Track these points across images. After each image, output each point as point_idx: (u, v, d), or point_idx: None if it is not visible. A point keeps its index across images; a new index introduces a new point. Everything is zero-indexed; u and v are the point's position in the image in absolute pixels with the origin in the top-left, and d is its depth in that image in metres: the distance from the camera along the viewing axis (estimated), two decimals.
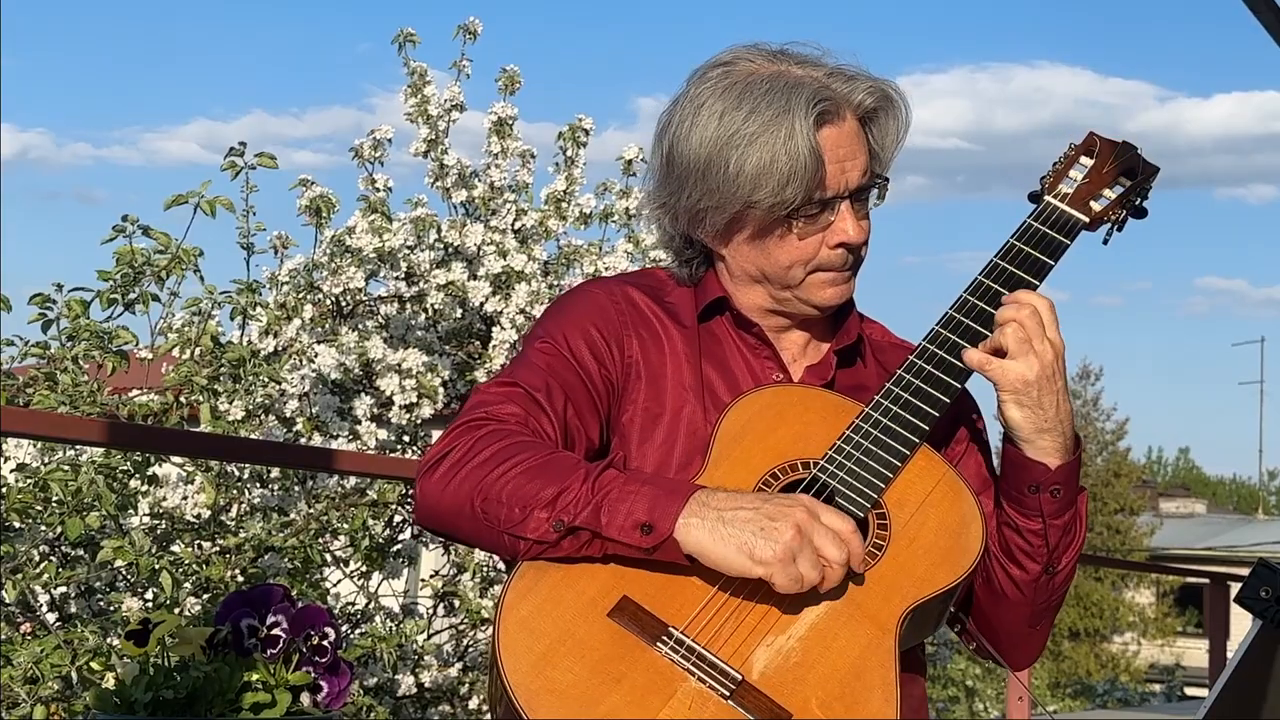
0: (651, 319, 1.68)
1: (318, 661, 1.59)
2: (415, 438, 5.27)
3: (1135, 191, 1.65)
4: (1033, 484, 1.57)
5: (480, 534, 1.48)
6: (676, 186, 1.61)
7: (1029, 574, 1.61)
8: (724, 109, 1.57)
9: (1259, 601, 1.49)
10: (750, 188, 1.55)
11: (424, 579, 5.35)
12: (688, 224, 1.64)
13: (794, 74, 1.59)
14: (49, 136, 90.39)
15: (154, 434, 3.92)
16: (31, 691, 3.46)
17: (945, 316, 1.60)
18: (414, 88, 5.58)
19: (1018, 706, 6.49)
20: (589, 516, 1.41)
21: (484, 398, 1.58)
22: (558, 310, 1.69)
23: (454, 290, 5.28)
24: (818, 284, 1.63)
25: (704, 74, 1.62)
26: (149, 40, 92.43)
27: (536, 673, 1.36)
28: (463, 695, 4.98)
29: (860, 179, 1.60)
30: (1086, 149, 1.67)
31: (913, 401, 1.56)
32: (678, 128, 1.60)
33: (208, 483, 4.21)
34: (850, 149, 1.59)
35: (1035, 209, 1.64)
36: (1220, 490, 50.22)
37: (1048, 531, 1.58)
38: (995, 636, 1.68)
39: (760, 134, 1.54)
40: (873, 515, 1.51)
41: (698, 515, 1.39)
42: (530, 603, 1.41)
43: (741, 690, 1.38)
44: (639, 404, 1.63)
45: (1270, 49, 4.18)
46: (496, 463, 1.46)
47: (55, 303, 4.13)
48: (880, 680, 1.40)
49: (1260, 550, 22.72)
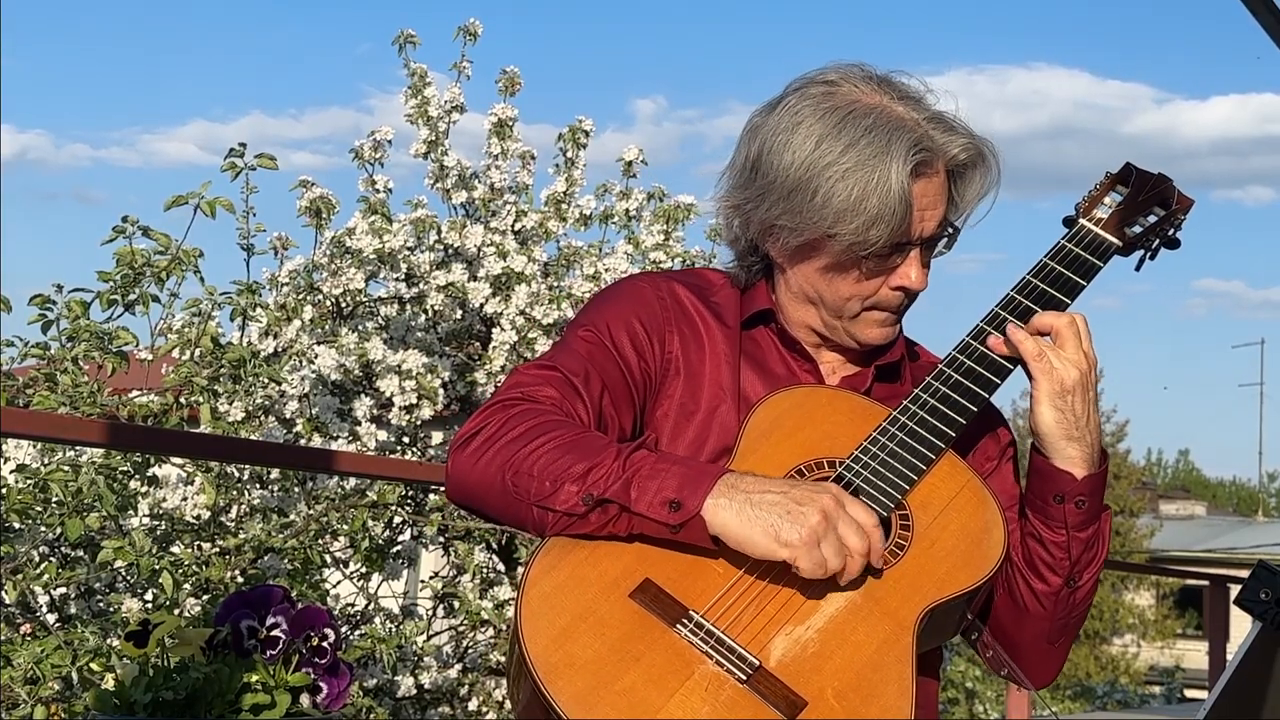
0: (695, 317, 1.69)
1: (317, 663, 1.59)
2: (415, 439, 5.27)
3: (1169, 222, 1.68)
4: (1058, 494, 1.57)
5: (509, 508, 1.49)
6: (757, 196, 1.61)
7: (1050, 587, 1.61)
8: (822, 134, 1.56)
9: (1259, 603, 1.49)
10: (833, 220, 1.55)
11: (423, 580, 5.36)
12: (759, 234, 1.65)
13: (896, 112, 1.58)
14: (47, 137, 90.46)
15: (154, 435, 3.92)
16: (32, 692, 3.46)
17: (976, 329, 1.62)
18: (414, 89, 5.58)
19: (1018, 708, 6.49)
20: (619, 490, 1.42)
21: (521, 379, 1.59)
22: (603, 300, 1.70)
23: (454, 291, 5.28)
24: (869, 321, 1.65)
25: (806, 89, 1.61)
26: (147, 41, 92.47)
27: (556, 646, 1.37)
28: (462, 696, 4.98)
29: (934, 229, 1.61)
30: (1122, 178, 1.70)
31: (940, 408, 1.57)
32: (771, 138, 1.59)
33: (208, 484, 4.21)
34: (934, 199, 1.59)
35: (1070, 231, 1.67)
36: (1220, 492, 50.22)
37: (1070, 544, 1.59)
38: (1015, 651, 1.67)
39: (855, 170, 1.54)
40: (896, 516, 1.52)
41: (726, 496, 1.41)
42: (554, 579, 1.42)
43: (758, 676, 1.39)
44: (675, 400, 1.65)
45: (1266, 50, 4.18)
46: (529, 439, 1.48)
47: (55, 303, 4.13)
48: (896, 675, 1.40)
49: (1260, 552, 22.73)
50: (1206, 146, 77.77)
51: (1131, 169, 1.71)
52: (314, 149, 75.17)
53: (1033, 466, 1.60)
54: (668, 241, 5.74)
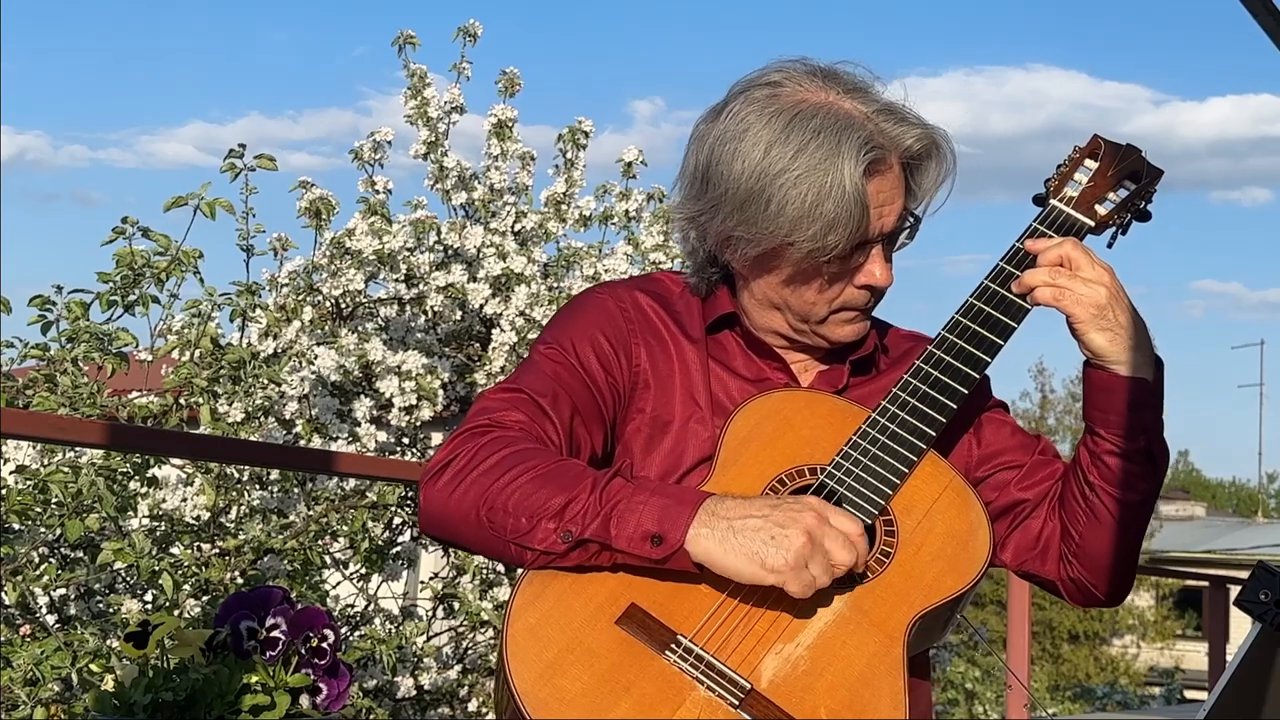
0: (659, 326, 1.67)
1: (317, 664, 1.59)
2: (415, 440, 5.27)
3: (1140, 195, 1.65)
4: (1135, 402, 1.54)
5: (486, 542, 1.47)
6: (710, 208, 1.58)
7: (1140, 495, 1.58)
8: (770, 139, 1.52)
9: (1258, 604, 1.49)
10: (790, 228, 1.52)
11: (423, 581, 5.35)
12: (716, 245, 1.62)
13: (844, 109, 1.55)
14: (45, 139, 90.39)
15: (154, 436, 3.91)
16: (31, 693, 3.46)
17: (951, 321, 1.59)
18: (414, 90, 5.58)
19: (1018, 708, 6.49)
20: (598, 529, 1.39)
21: (488, 404, 1.57)
22: (565, 316, 1.68)
23: (454, 292, 5.28)
24: (838, 322, 1.63)
25: (749, 92, 1.58)
26: (145, 43, 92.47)
27: (544, 681, 1.36)
28: (462, 697, 4.98)
29: (894, 222, 1.58)
30: (1090, 152, 1.67)
31: (919, 407, 1.55)
32: (719, 147, 1.56)
33: (207, 485, 4.21)
34: (891, 194, 1.57)
35: (1040, 212, 1.63)
36: (1220, 493, 50.17)
37: (1153, 447, 1.56)
38: (1097, 573, 1.63)
39: (807, 176, 1.50)
40: (880, 522, 1.50)
41: (707, 525, 1.38)
42: (538, 610, 1.41)
43: (750, 699, 1.37)
44: (646, 413, 1.62)
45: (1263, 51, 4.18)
46: (501, 470, 1.45)
47: (55, 304, 4.13)
48: (888, 688, 1.39)
49: (1260, 553, 22.73)
50: (1204, 148, 77.73)
51: (1100, 141, 1.67)
52: (312, 150, 75.11)
53: (1098, 385, 1.56)
54: (667, 242, 5.74)
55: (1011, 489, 1.67)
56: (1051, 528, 1.65)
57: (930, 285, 10.15)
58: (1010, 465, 1.68)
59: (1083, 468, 1.59)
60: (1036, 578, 1.69)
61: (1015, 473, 1.67)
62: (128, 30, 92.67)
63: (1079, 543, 1.62)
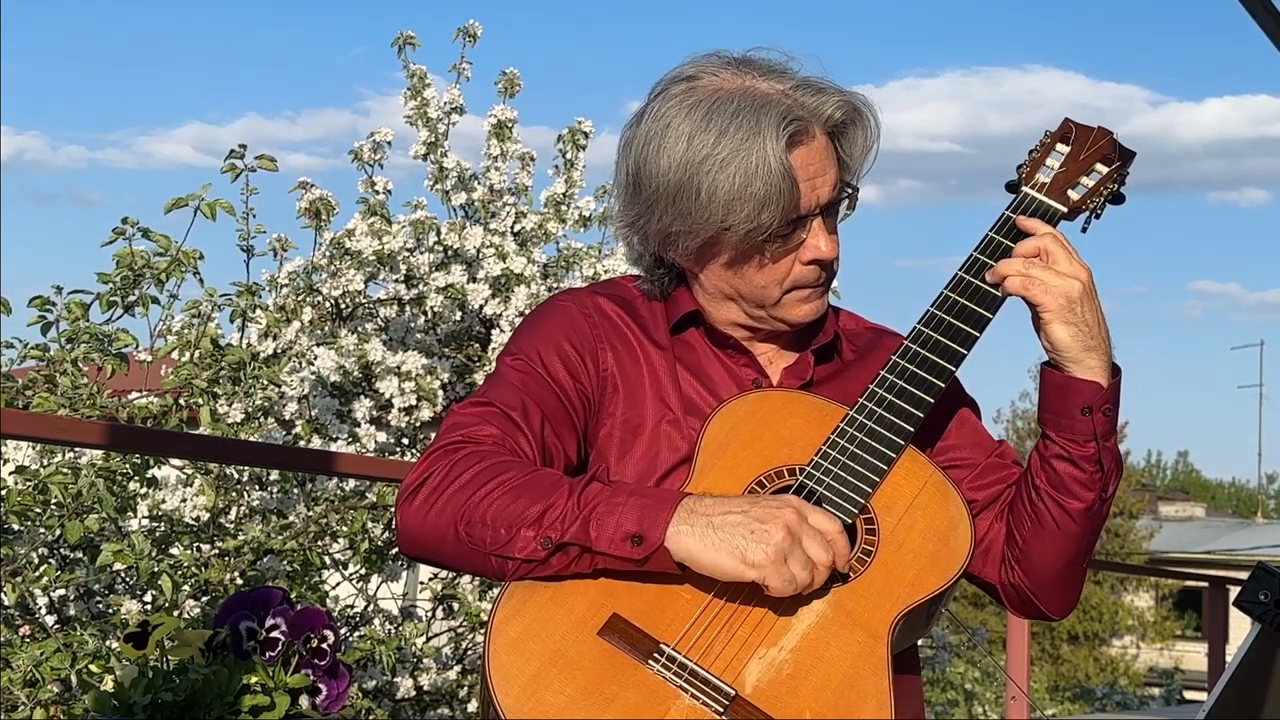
0: (625, 330, 1.67)
1: (317, 664, 1.59)
2: (414, 440, 5.27)
3: (1113, 178, 1.63)
4: (1086, 405, 1.54)
5: (465, 558, 1.46)
6: (645, 209, 1.59)
7: (1084, 503, 1.57)
8: (692, 131, 1.53)
9: (1258, 605, 1.49)
10: (724, 213, 1.53)
11: (423, 582, 5.35)
12: (658, 245, 1.63)
13: (760, 89, 1.55)
14: (44, 139, 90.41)
15: (153, 436, 3.92)
16: (31, 694, 3.46)
17: (927, 314, 1.58)
18: (414, 90, 5.59)
19: (1017, 709, 6.50)
20: (577, 532, 1.39)
21: (459, 420, 1.57)
22: (529, 326, 1.68)
23: (453, 293, 5.29)
24: (793, 302, 1.62)
25: (666, 90, 1.59)
26: (143, 43, 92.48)
27: (528, 695, 1.35)
28: (461, 698, 4.98)
29: (830, 194, 1.58)
30: (1062, 136, 1.65)
31: (896, 403, 1.54)
32: (644, 148, 1.57)
33: (207, 485, 4.21)
34: (820, 165, 1.56)
35: (1013, 200, 1.62)
36: (1219, 494, 50.19)
37: (1101, 455, 1.55)
38: (1039, 581, 1.63)
39: (732, 158, 1.51)
40: (860, 520, 1.50)
41: (687, 523, 1.38)
42: (519, 623, 1.40)
43: (735, 705, 1.37)
44: (617, 417, 1.62)
45: (1261, 52, 4.18)
46: (477, 485, 1.45)
47: (55, 305, 4.13)
48: (874, 689, 1.39)
49: (1259, 554, 22.73)
50: (1201, 148, 77.75)
51: (1071, 125, 1.66)
52: (310, 150, 75.19)
53: (1051, 384, 1.56)
54: None
55: (961, 487, 1.66)
56: (997, 530, 1.65)
57: (930, 285, 10.13)
58: (963, 464, 1.68)
59: (1032, 472, 1.59)
60: (977, 580, 1.68)
61: (967, 472, 1.67)
62: (126, 31, 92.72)
63: (1021, 548, 1.61)
